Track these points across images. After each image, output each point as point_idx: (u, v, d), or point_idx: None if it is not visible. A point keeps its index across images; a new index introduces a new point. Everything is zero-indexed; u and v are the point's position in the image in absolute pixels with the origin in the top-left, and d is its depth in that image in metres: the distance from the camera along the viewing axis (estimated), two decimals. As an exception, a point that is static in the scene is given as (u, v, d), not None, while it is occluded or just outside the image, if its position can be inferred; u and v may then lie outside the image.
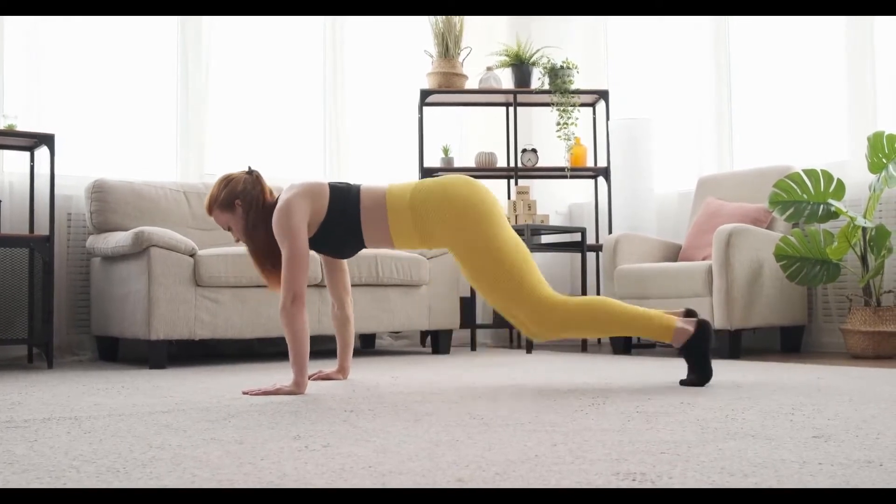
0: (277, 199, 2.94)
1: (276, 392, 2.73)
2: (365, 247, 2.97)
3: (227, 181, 2.97)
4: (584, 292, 5.03)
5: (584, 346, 4.93)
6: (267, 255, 2.95)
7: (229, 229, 3.00)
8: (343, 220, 2.89)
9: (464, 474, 1.50)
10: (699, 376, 2.83)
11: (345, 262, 3.21)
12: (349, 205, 2.89)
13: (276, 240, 2.90)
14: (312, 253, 3.75)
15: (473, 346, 4.99)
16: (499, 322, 5.17)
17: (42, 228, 4.20)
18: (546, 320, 2.79)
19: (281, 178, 4.83)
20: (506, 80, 5.57)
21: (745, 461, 1.58)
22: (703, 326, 2.81)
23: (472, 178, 2.93)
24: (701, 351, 2.82)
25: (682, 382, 2.88)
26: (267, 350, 4.74)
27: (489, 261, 2.79)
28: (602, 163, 5.53)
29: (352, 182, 3.03)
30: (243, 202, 2.93)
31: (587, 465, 1.56)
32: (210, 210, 2.98)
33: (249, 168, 3.03)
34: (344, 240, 2.93)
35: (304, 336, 2.78)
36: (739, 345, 4.17)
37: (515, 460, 1.61)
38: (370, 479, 1.48)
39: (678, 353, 2.87)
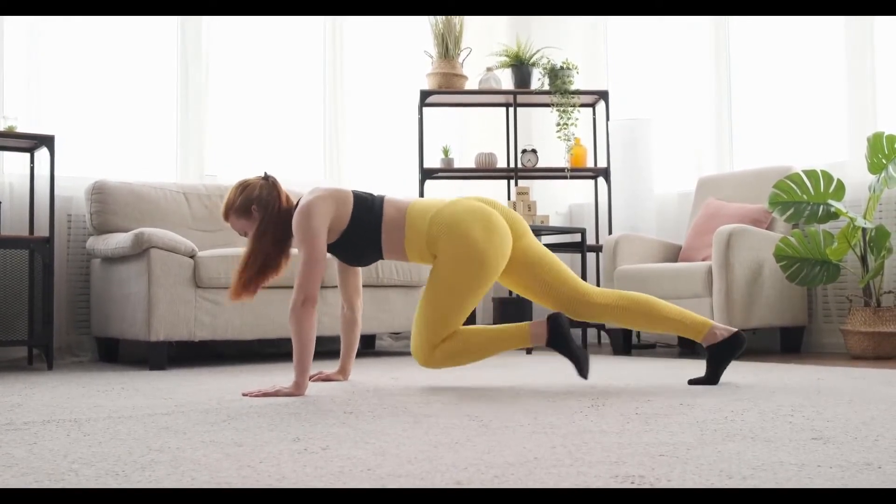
0: (294, 205, 2.95)
1: (276, 394, 2.74)
2: (383, 258, 2.99)
3: (244, 187, 2.97)
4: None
5: (583, 347, 4.92)
6: (264, 261, 2.93)
7: (245, 234, 2.99)
8: (364, 230, 2.90)
9: (462, 477, 1.50)
10: (578, 367, 2.87)
11: None
12: (372, 216, 2.91)
13: (278, 249, 2.91)
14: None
15: (473, 347, 4.98)
16: (497, 323, 5.16)
17: (42, 230, 4.20)
18: (424, 358, 2.90)
19: (281, 179, 4.82)
20: (506, 80, 5.57)
21: (744, 463, 1.58)
22: (552, 321, 2.84)
23: (494, 215, 2.91)
24: (563, 345, 2.85)
25: (690, 382, 2.89)
26: (267, 351, 4.74)
27: (444, 303, 2.85)
28: (602, 163, 5.53)
29: (375, 193, 3.04)
30: (259, 208, 2.93)
31: (586, 467, 1.56)
32: (226, 216, 2.98)
33: (266, 174, 3.03)
34: (363, 250, 2.96)
35: (310, 338, 2.79)
36: (744, 348, 4.16)
37: (514, 463, 1.61)
38: (369, 481, 1.48)
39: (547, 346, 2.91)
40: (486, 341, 2.91)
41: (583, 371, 2.86)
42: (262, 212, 2.93)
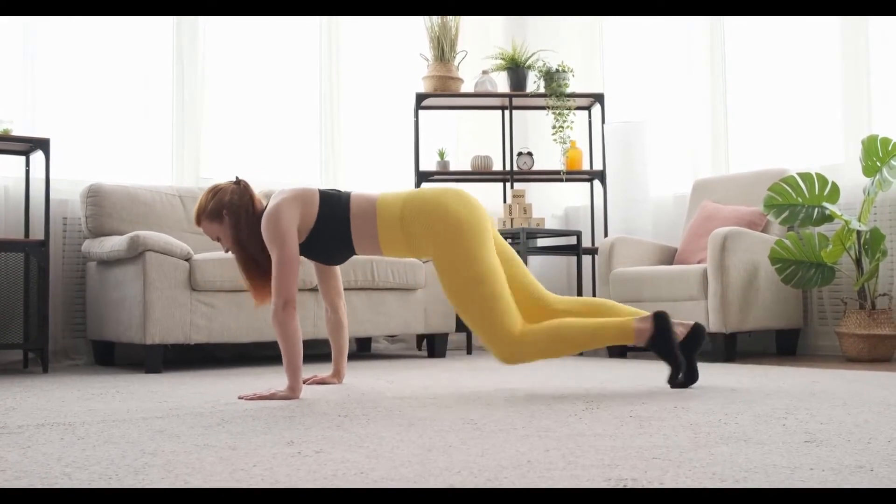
0: (266, 207, 2.95)
1: (271, 397, 2.74)
2: (356, 254, 2.98)
3: (215, 192, 2.97)
4: (580, 295, 5.03)
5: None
6: (256, 264, 2.94)
7: (218, 240, 2.99)
8: (332, 226, 2.89)
9: (455, 480, 1.50)
10: (675, 372, 2.82)
11: (337, 266, 3.21)
12: (339, 211, 2.89)
13: (265, 251, 2.91)
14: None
15: (469, 350, 4.99)
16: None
17: (37, 233, 4.20)
18: (507, 354, 2.80)
19: (277, 182, 4.84)
20: (501, 83, 5.57)
21: (737, 466, 1.58)
22: (658, 319, 2.79)
23: (465, 193, 2.91)
24: (665, 346, 2.79)
25: (671, 384, 2.88)
26: (262, 354, 4.74)
27: (466, 284, 2.78)
28: (598, 166, 5.53)
29: (342, 189, 3.02)
30: (230, 213, 2.93)
31: (579, 470, 1.57)
32: (198, 221, 2.98)
33: (237, 178, 3.03)
34: (334, 246, 2.93)
35: (296, 341, 2.79)
36: (735, 348, 4.18)
37: (507, 466, 1.61)
38: (361, 485, 1.48)
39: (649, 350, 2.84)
40: (583, 333, 2.81)
41: (675, 380, 2.83)
42: (234, 217, 2.92)
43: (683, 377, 2.89)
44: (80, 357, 4.43)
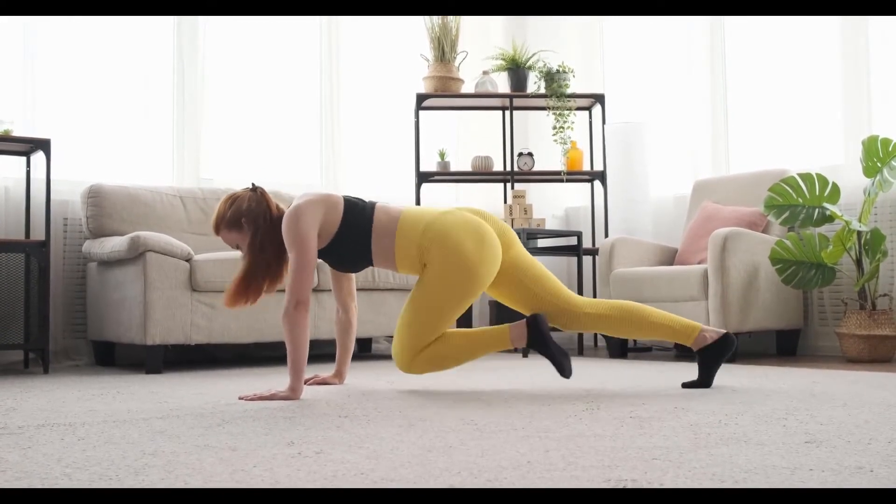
0: (285, 212, 2.95)
1: (272, 397, 2.74)
2: (373, 265, 2.98)
3: (233, 200, 2.97)
4: (580, 295, 5.03)
5: (580, 350, 4.93)
6: (265, 271, 2.94)
7: (237, 247, 2.99)
8: (355, 235, 2.90)
9: (455, 481, 1.50)
10: (557, 366, 2.88)
11: None
12: (362, 221, 2.90)
13: (281, 258, 2.92)
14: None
15: (470, 350, 4.98)
16: (494, 325, 5.16)
17: (38, 233, 4.20)
18: (406, 365, 2.93)
19: (278, 182, 4.84)
20: (502, 84, 5.57)
21: (737, 467, 1.58)
22: (531, 323, 2.87)
23: (485, 229, 2.92)
24: (542, 343, 2.87)
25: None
26: (263, 354, 4.74)
27: (430, 310, 2.86)
28: (598, 166, 5.53)
29: (367, 199, 3.03)
30: (248, 220, 2.93)
31: (579, 471, 1.57)
32: (217, 230, 2.98)
33: (253, 185, 3.03)
34: (353, 255, 2.95)
35: (304, 342, 2.79)
36: (735, 349, 4.17)
37: (507, 467, 1.61)
38: (362, 485, 1.48)
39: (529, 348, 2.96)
40: (467, 344, 2.91)
41: (563, 371, 2.87)
42: (253, 224, 2.93)
43: (697, 379, 2.91)
44: (81, 357, 4.43)
